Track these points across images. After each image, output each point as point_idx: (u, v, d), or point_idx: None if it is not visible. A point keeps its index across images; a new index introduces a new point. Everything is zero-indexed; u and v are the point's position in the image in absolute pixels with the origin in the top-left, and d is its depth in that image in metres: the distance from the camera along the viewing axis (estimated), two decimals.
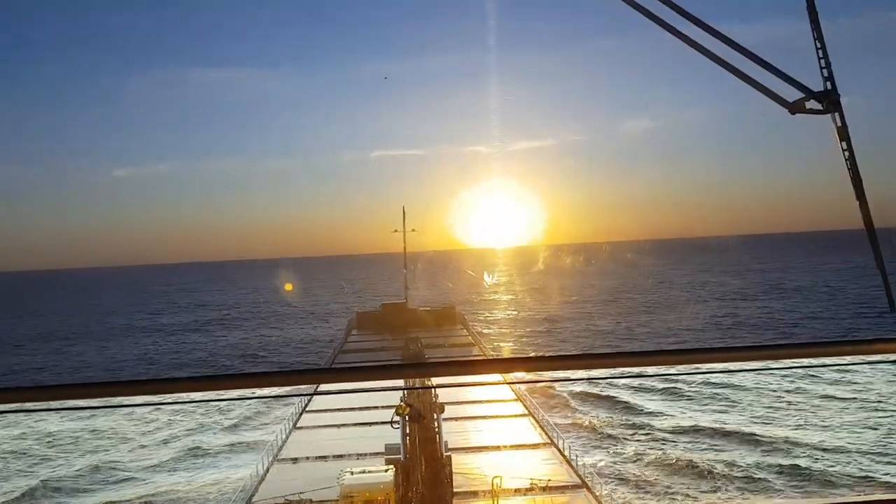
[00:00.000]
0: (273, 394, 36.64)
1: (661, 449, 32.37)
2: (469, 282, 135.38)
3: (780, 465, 29.46)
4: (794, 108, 2.95)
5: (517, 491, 21.56)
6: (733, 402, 39.38)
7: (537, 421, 29.66)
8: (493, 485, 20.10)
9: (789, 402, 38.09)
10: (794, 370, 35.48)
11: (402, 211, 66.77)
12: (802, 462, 29.69)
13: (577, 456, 25.62)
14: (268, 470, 25.23)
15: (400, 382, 19.37)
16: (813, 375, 41.09)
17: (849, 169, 3.12)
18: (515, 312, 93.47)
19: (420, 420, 20.60)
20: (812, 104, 2.94)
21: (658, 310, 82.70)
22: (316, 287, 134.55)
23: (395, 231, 65.99)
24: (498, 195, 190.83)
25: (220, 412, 39.84)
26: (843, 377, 41.15)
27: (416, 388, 21.05)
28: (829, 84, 2.94)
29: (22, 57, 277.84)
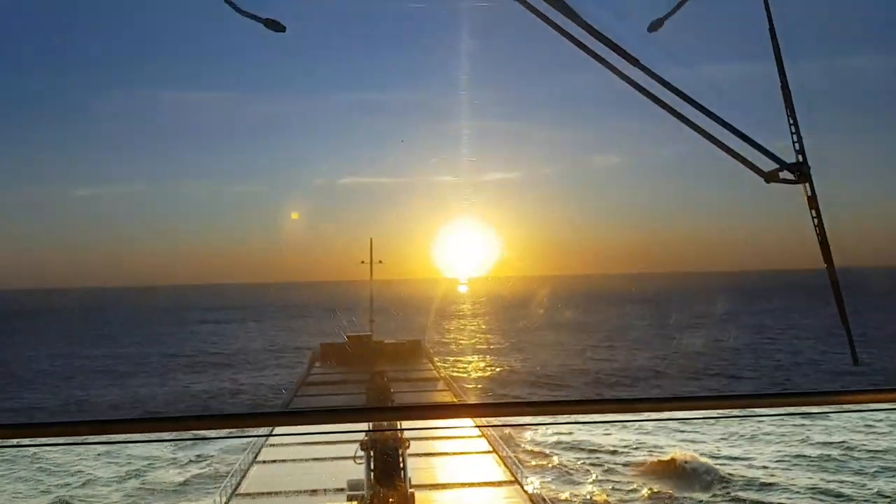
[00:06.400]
0: (232, 436, 35.75)
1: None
2: (438, 310, 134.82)
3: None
4: (770, 177, 3.12)
5: None
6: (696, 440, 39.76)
7: (501, 458, 29.50)
8: None
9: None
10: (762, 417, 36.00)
11: (369, 242, 66.50)
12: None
13: (539, 493, 25.52)
14: None
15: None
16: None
17: (818, 235, 3.30)
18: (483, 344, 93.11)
19: (384, 456, 20.35)
20: (785, 174, 3.12)
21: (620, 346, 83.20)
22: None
23: (363, 262, 65.61)
24: (466, 225, 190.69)
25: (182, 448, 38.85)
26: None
27: (383, 427, 20.76)
28: (800, 157, 3.12)
29: None
